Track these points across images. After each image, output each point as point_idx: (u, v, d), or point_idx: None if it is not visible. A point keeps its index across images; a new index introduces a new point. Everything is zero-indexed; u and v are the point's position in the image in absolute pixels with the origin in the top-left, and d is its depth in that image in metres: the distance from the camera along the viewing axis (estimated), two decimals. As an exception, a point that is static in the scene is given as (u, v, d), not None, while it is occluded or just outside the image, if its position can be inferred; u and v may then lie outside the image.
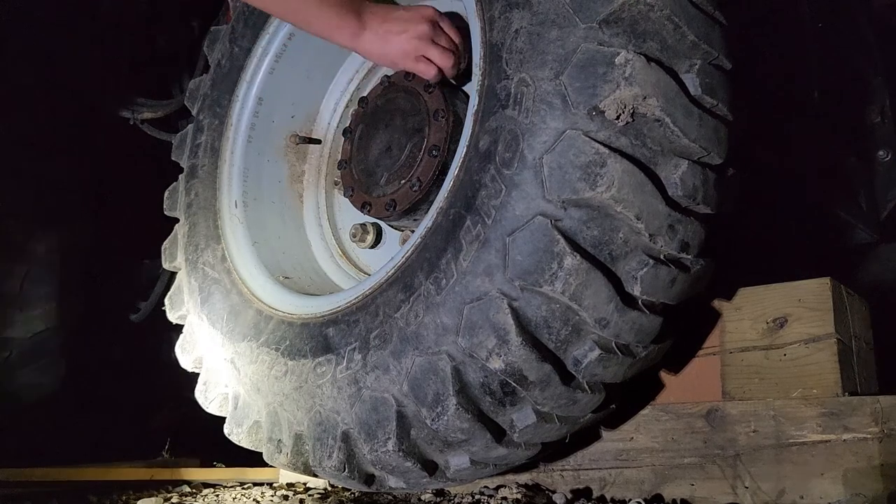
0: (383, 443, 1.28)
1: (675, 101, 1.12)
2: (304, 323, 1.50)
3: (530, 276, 1.12)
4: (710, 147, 1.15)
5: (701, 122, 1.14)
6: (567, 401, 1.22)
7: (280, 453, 1.48)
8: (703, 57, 1.17)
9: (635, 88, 1.09)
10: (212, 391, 1.68)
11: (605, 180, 1.08)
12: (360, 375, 1.32)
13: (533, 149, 1.14)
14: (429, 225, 1.30)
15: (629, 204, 1.10)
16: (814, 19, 2.17)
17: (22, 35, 2.22)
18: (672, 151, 1.14)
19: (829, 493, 1.32)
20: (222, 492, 2.13)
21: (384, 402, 1.28)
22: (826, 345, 1.41)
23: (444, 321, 1.21)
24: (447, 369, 1.20)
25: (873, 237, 2.21)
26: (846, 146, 2.22)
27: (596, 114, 1.11)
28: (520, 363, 1.15)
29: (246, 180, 1.83)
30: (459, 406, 1.20)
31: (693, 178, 1.14)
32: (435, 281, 1.24)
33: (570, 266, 1.10)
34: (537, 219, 1.12)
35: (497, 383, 1.19)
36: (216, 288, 1.73)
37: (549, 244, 1.11)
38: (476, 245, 1.18)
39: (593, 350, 1.18)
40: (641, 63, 1.10)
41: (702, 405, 1.49)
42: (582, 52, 1.13)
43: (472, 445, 1.27)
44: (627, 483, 1.53)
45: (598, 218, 1.12)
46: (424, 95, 1.58)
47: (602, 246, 1.12)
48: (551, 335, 1.15)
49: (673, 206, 1.14)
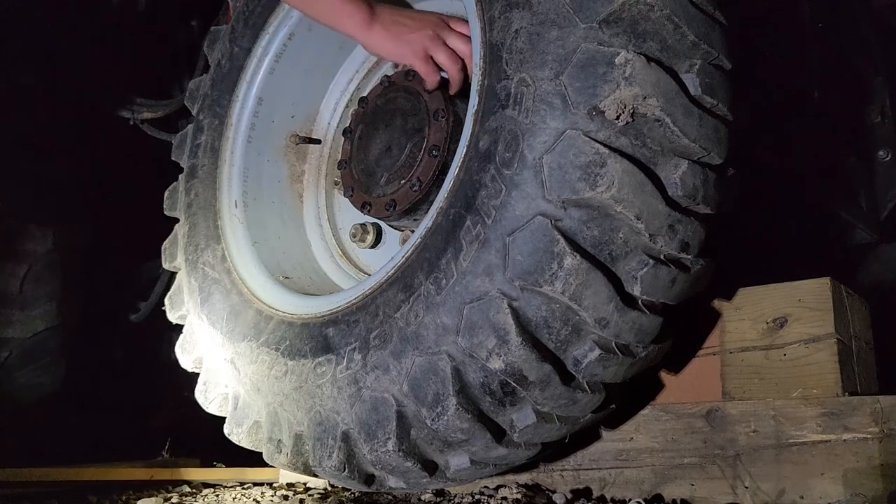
0: (383, 443, 1.28)
1: (675, 101, 1.12)
2: (304, 323, 1.50)
3: (530, 276, 1.12)
4: (711, 147, 1.15)
5: (701, 122, 1.14)
6: (567, 401, 1.22)
7: (280, 453, 1.48)
8: (703, 57, 1.17)
9: (635, 88, 1.09)
10: (212, 391, 1.68)
11: (605, 180, 1.08)
12: (360, 375, 1.32)
13: (533, 149, 1.14)
14: (429, 225, 1.30)
15: (629, 204, 1.10)
16: (814, 19, 2.17)
17: (22, 35, 2.22)
18: (672, 151, 1.14)
19: (829, 493, 1.32)
20: (222, 492, 2.13)
21: (384, 402, 1.28)
22: (826, 345, 1.41)
23: (444, 321, 1.20)
24: (447, 369, 1.20)
25: (873, 237, 2.21)
26: (846, 146, 2.22)
27: (596, 114, 1.11)
28: (520, 363, 1.15)
29: (246, 180, 1.84)
30: (459, 406, 1.20)
31: (693, 178, 1.14)
32: (435, 281, 1.24)
33: (570, 266, 1.10)
34: (537, 219, 1.12)
35: (497, 383, 1.19)
36: (216, 288, 1.73)
37: (549, 244, 1.11)
38: (476, 245, 1.18)
39: (593, 350, 1.17)
40: (641, 63, 1.10)
41: (702, 405, 1.49)
42: (582, 52, 1.13)
43: (472, 445, 1.27)
44: (627, 483, 1.53)
45: (598, 218, 1.12)
46: (424, 95, 1.58)
47: (602, 246, 1.12)
48: (551, 335, 1.15)
49: (673, 206, 1.14)
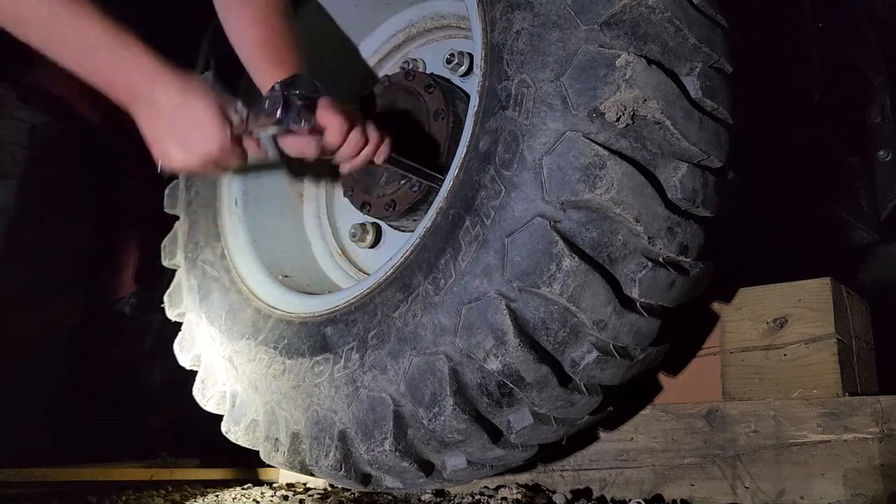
0: (380, 443, 1.28)
1: (676, 104, 1.11)
2: (303, 322, 1.50)
3: (528, 278, 1.12)
4: (710, 150, 1.15)
5: (701, 125, 1.14)
6: (564, 402, 1.22)
7: (277, 452, 1.48)
8: (703, 60, 1.17)
9: (636, 91, 1.09)
10: (210, 389, 1.68)
11: (605, 182, 1.08)
12: (357, 375, 1.32)
13: (533, 150, 1.14)
14: (428, 225, 1.29)
15: (628, 206, 1.09)
16: (814, 19, 2.17)
17: None
18: (672, 154, 1.13)
19: (829, 494, 1.31)
20: (222, 492, 2.13)
21: (381, 401, 1.28)
22: (826, 345, 1.41)
23: (442, 321, 1.20)
24: (444, 370, 1.20)
25: (873, 237, 2.21)
26: (846, 146, 2.22)
27: (596, 116, 1.10)
28: (517, 364, 1.15)
29: (247, 178, 1.83)
30: (457, 407, 1.20)
31: (693, 181, 1.14)
32: (433, 281, 1.24)
33: (568, 268, 1.10)
34: (536, 220, 1.12)
35: (494, 384, 1.19)
36: (215, 286, 1.73)
37: (548, 245, 1.11)
38: (475, 246, 1.18)
39: (591, 352, 1.17)
40: (642, 66, 1.09)
41: (702, 405, 1.49)
42: (583, 54, 1.12)
43: (469, 446, 1.27)
44: (627, 483, 1.53)
45: (597, 220, 1.11)
46: (425, 95, 1.58)
47: (601, 248, 1.12)
48: (549, 337, 1.15)
49: (672, 208, 1.13)
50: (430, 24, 1.81)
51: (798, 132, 2.05)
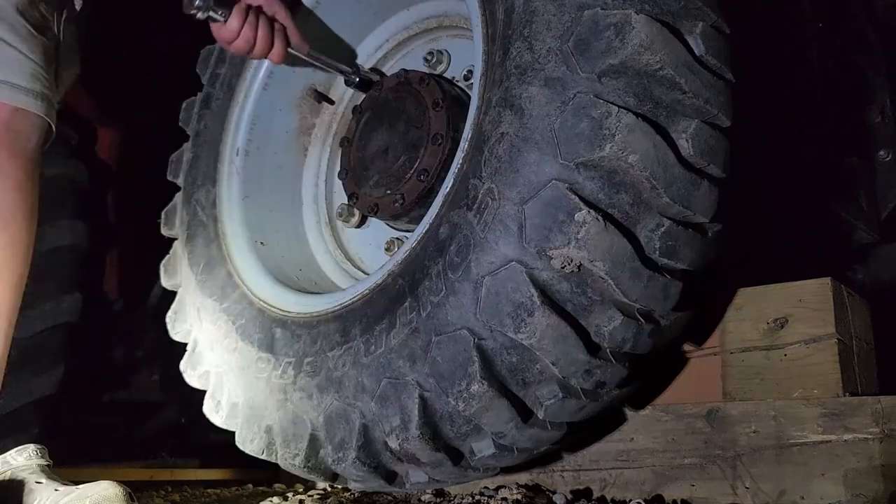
0: (293, 455, 1.38)
1: (625, 265, 1.10)
2: (261, 310, 1.56)
3: (443, 382, 1.17)
4: (652, 305, 1.15)
5: (649, 282, 1.12)
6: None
7: (217, 414, 1.59)
8: (673, 216, 1.13)
9: (583, 252, 1.07)
10: (196, 366, 1.70)
11: (529, 329, 1.10)
12: (288, 389, 1.41)
13: (479, 265, 1.14)
14: (378, 281, 1.33)
15: (547, 352, 1.12)
16: (814, 19, 2.16)
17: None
18: (612, 302, 1.13)
19: (829, 494, 1.32)
20: (222, 492, 2.13)
21: (302, 421, 1.38)
22: (827, 345, 1.42)
23: (364, 382, 1.28)
24: (356, 424, 1.29)
25: (873, 237, 2.20)
26: (846, 146, 2.22)
27: (543, 257, 1.09)
28: (416, 453, 1.24)
29: (253, 128, 1.81)
30: (357, 460, 1.29)
31: (624, 331, 1.15)
32: (366, 343, 1.29)
33: (476, 391, 1.14)
34: (463, 332, 1.15)
35: (385, 461, 1.34)
36: (201, 231, 1.76)
37: (467, 361, 1.15)
38: (406, 330, 1.23)
39: (489, 447, 1.27)
40: (598, 228, 1.07)
41: (702, 406, 1.49)
42: (551, 189, 1.09)
43: (371, 482, 1.38)
44: (628, 484, 1.54)
45: (518, 349, 1.14)
46: (431, 112, 1.54)
47: (517, 373, 1.16)
48: (452, 430, 1.22)
49: (593, 353, 1.15)
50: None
51: (798, 132, 2.05)
